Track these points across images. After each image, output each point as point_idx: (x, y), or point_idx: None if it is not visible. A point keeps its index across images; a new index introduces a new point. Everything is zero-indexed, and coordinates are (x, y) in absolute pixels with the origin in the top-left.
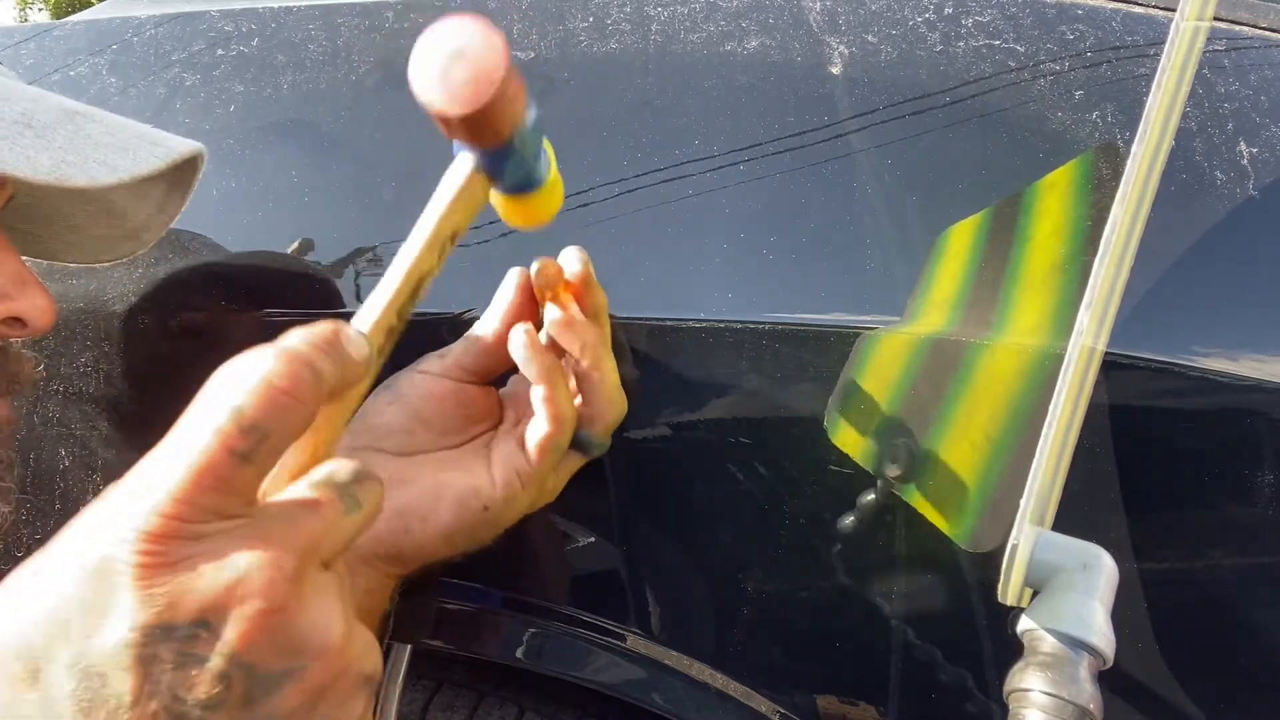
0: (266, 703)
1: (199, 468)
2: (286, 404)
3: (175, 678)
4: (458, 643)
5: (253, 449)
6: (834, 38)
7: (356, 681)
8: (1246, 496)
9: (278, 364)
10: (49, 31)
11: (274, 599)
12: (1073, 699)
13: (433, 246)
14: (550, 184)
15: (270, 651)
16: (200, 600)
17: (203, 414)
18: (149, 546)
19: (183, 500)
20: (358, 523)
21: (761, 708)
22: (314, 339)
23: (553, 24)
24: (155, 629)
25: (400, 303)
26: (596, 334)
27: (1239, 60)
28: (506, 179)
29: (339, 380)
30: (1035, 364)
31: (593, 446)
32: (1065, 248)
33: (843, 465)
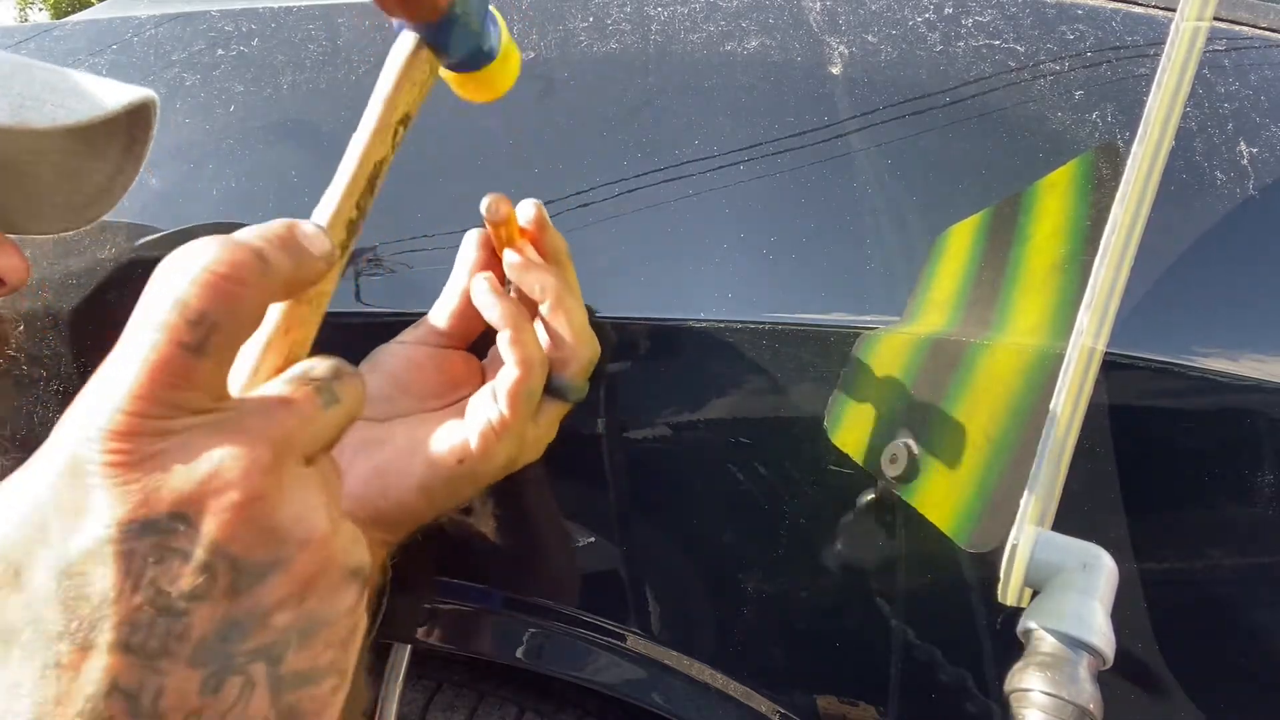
0: (253, 594)
1: (152, 363)
2: (232, 291)
3: (157, 571)
4: (458, 643)
5: (202, 340)
6: (834, 38)
7: (344, 573)
8: (1246, 496)
9: (219, 251)
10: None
11: (251, 489)
12: (1073, 699)
13: (383, 132)
14: (503, 54)
15: (252, 542)
16: (175, 493)
17: (148, 310)
18: (115, 445)
19: (141, 396)
20: (338, 416)
21: (761, 708)
22: (264, 232)
23: (553, 24)
24: (132, 524)
25: (357, 193)
26: (556, 274)
27: (1239, 60)
28: (454, 52)
29: (295, 272)
30: (1035, 364)
31: (569, 391)
32: (1065, 248)
33: (843, 465)
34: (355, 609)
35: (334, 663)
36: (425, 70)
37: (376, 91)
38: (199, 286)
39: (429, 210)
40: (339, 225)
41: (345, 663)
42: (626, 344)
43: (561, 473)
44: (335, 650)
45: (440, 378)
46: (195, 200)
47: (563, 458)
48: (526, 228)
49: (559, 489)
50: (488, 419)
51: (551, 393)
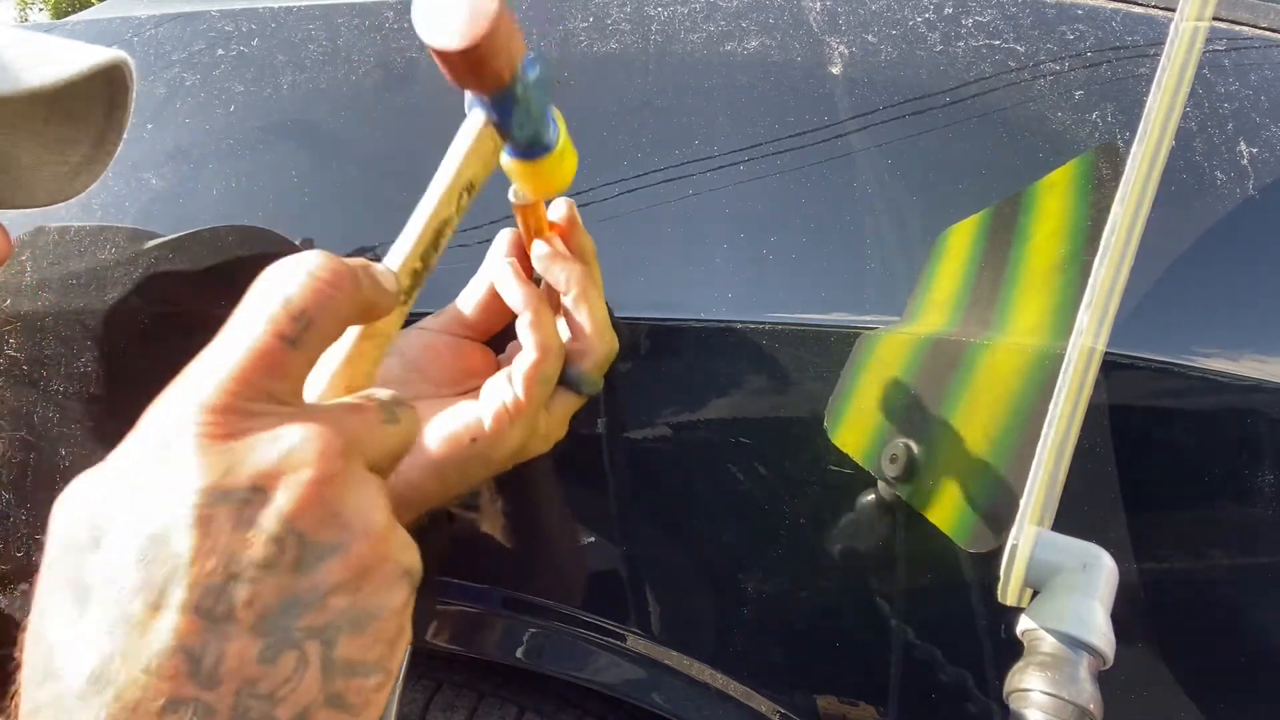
0: (315, 571)
1: (254, 349)
2: (330, 294)
3: (232, 539)
4: (459, 643)
5: (299, 335)
6: (834, 38)
7: (398, 571)
8: (1246, 496)
9: (322, 260)
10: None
11: (323, 470)
12: (1073, 699)
13: (450, 195)
14: (560, 150)
15: (319, 520)
16: (256, 467)
17: (255, 304)
18: (210, 418)
19: (239, 378)
20: (397, 435)
21: (761, 708)
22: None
23: (553, 24)
24: (215, 492)
25: (423, 248)
26: (582, 269)
27: (1239, 60)
28: (515, 134)
29: (373, 297)
30: (1035, 364)
31: (584, 383)
32: (1065, 248)
33: (843, 465)
34: (404, 610)
35: (381, 659)
36: (489, 145)
37: (448, 157)
38: (303, 287)
39: None
40: (405, 273)
41: (391, 662)
42: (626, 344)
43: (562, 473)
44: (383, 646)
45: (457, 365)
46: (195, 200)
47: (563, 458)
48: (558, 224)
49: (560, 489)
50: (502, 400)
51: (566, 383)
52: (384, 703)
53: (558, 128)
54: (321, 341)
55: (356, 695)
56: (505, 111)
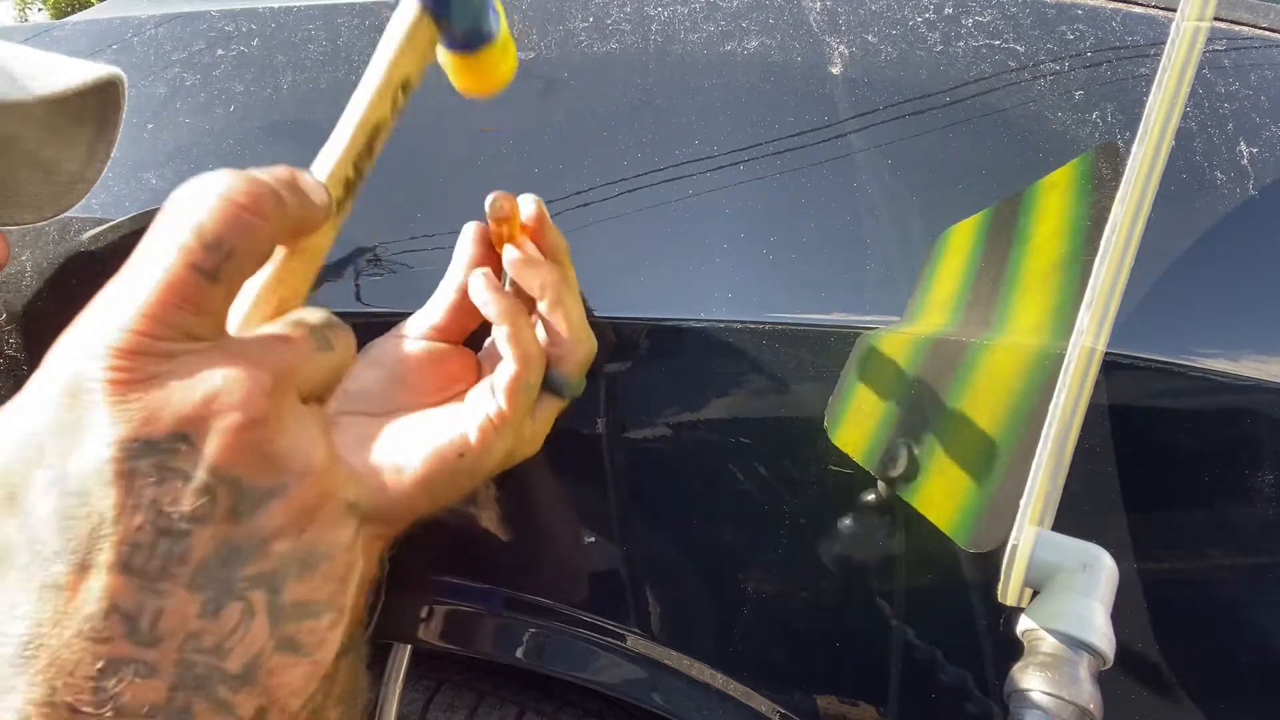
0: (253, 519)
1: (165, 284)
2: (249, 220)
3: (158, 492)
4: (458, 643)
5: (217, 266)
6: (834, 38)
7: (341, 507)
8: (1246, 496)
9: (238, 181)
10: (49, 31)
11: (252, 411)
12: (1073, 699)
13: (384, 94)
14: (501, 42)
15: (252, 465)
16: (177, 413)
17: (165, 231)
18: (120, 362)
19: (151, 316)
20: (331, 361)
21: (761, 708)
22: (271, 173)
23: (553, 24)
24: (133, 443)
25: (355, 154)
26: (556, 271)
27: (1239, 60)
28: (455, 22)
29: (299, 215)
30: (1035, 364)
31: (566, 387)
32: (1065, 248)
33: (843, 465)
34: (353, 545)
35: (332, 597)
36: (426, 37)
37: (378, 53)
38: (218, 212)
39: (429, 210)
40: (336, 183)
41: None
42: (626, 344)
43: (562, 472)
44: (334, 584)
45: (436, 372)
46: None
47: (563, 457)
48: (527, 224)
49: (560, 489)
50: (486, 413)
51: (549, 388)
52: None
53: (498, 17)
54: (243, 272)
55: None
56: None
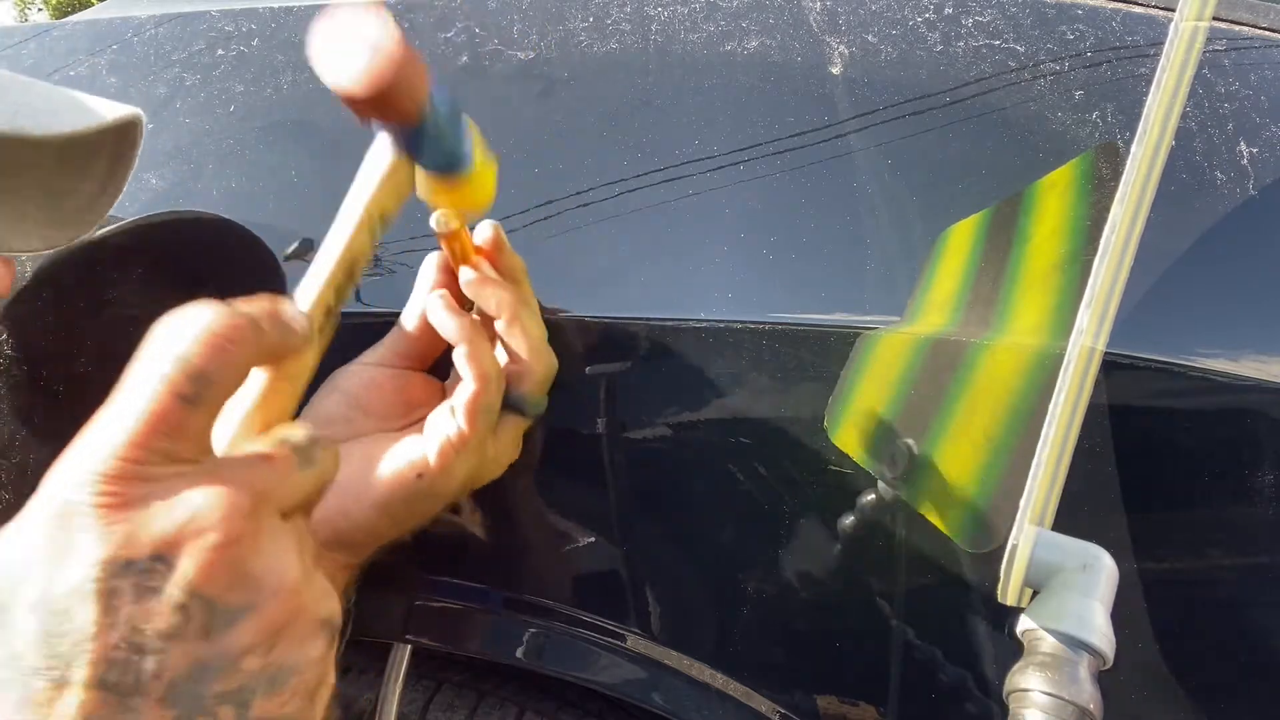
0: (225, 636)
1: (150, 413)
2: (228, 350)
3: (134, 610)
4: (458, 643)
5: (198, 393)
6: (834, 38)
7: (314, 624)
8: (1246, 496)
9: (217, 315)
10: (49, 31)
11: (229, 533)
12: (1073, 699)
13: (361, 229)
14: (478, 170)
15: (227, 585)
16: (156, 535)
17: (150, 363)
18: (107, 487)
19: (136, 444)
20: (312, 479)
21: (761, 708)
22: (253, 304)
23: (553, 24)
24: (115, 564)
25: (336, 283)
26: (512, 291)
27: (1239, 60)
28: (426, 159)
29: (278, 343)
30: (1035, 364)
31: (527, 405)
32: (1065, 248)
33: (843, 465)
34: (324, 659)
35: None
36: (402, 175)
37: (357, 189)
38: (198, 343)
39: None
40: (318, 310)
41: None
42: (626, 344)
43: (562, 473)
44: (301, 699)
45: (399, 398)
46: (195, 200)
47: (563, 458)
48: (483, 248)
49: (559, 489)
50: (446, 434)
51: (509, 407)
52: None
53: (473, 145)
54: (222, 398)
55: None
56: (416, 142)
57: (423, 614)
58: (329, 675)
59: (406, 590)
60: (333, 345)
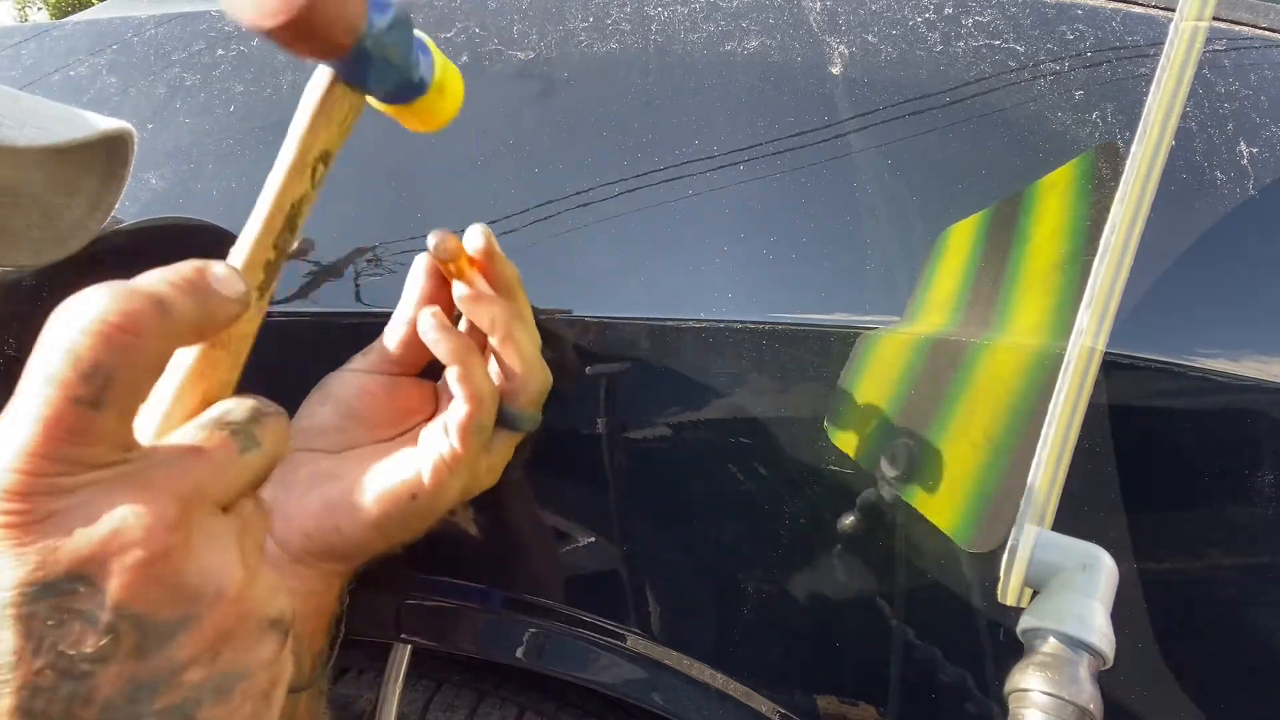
0: (161, 653)
1: (45, 419)
2: (126, 342)
3: (59, 634)
4: (457, 643)
5: (98, 394)
6: (834, 38)
7: (261, 625)
8: (1246, 496)
9: (111, 301)
10: (49, 31)
11: (155, 546)
12: (1073, 699)
13: (301, 169)
14: (438, 83)
15: (158, 600)
16: (75, 554)
17: (39, 363)
18: (9, 505)
19: (36, 454)
20: (258, 461)
21: (761, 708)
22: (168, 274)
23: (553, 24)
24: (30, 587)
25: (274, 233)
26: (505, 306)
27: (1239, 60)
28: (376, 87)
29: (204, 317)
30: (1035, 364)
31: (521, 421)
32: (1065, 248)
33: (843, 465)
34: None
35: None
36: (344, 106)
37: (292, 128)
38: (91, 337)
39: (428, 210)
40: (255, 267)
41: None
42: (626, 344)
43: (562, 472)
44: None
45: (392, 406)
46: (195, 200)
47: (563, 458)
48: (475, 258)
49: (559, 489)
50: (439, 453)
51: (503, 423)
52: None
53: (430, 59)
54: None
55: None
56: (359, 68)
57: (422, 614)
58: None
59: (406, 591)
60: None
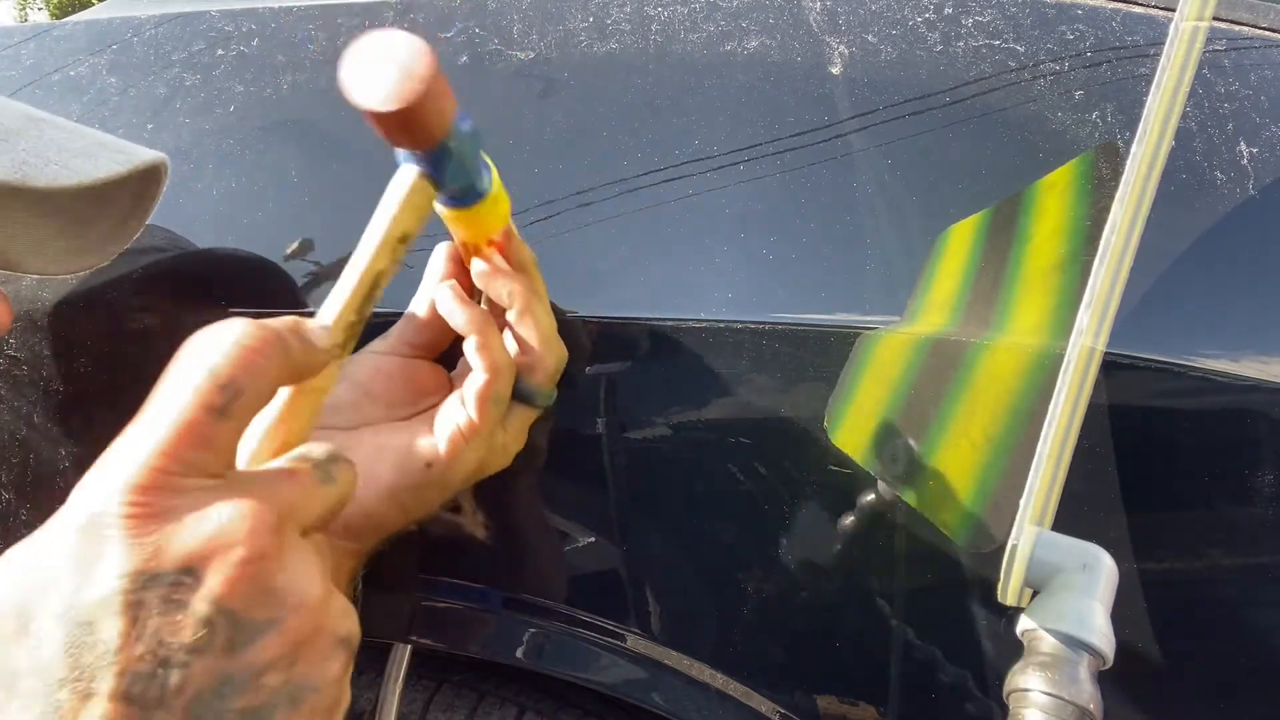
0: (248, 650)
1: (181, 423)
2: (257, 363)
3: (161, 623)
4: (457, 643)
5: (228, 404)
6: (834, 38)
7: (334, 641)
8: (1246, 496)
9: (248, 328)
10: (49, 31)
11: (255, 548)
12: (1073, 699)
13: (384, 248)
14: (494, 197)
15: (251, 600)
16: (185, 548)
17: (181, 375)
18: (136, 498)
19: (167, 454)
20: (332, 495)
21: (761, 708)
22: (279, 321)
23: (553, 24)
24: (142, 576)
25: (358, 301)
26: (523, 281)
27: (1239, 60)
28: (447, 184)
29: (303, 359)
30: (1035, 364)
31: (537, 396)
32: (1065, 248)
33: (843, 465)
34: (341, 679)
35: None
36: (423, 197)
37: (380, 211)
38: (229, 356)
39: None
40: (339, 328)
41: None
42: (626, 344)
43: (561, 473)
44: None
45: (408, 387)
46: (195, 200)
47: (563, 458)
48: (495, 239)
49: (559, 489)
50: (456, 424)
51: (519, 398)
52: None
53: (490, 173)
54: (250, 410)
55: None
56: (439, 166)
57: (423, 614)
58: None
59: (407, 591)
60: None
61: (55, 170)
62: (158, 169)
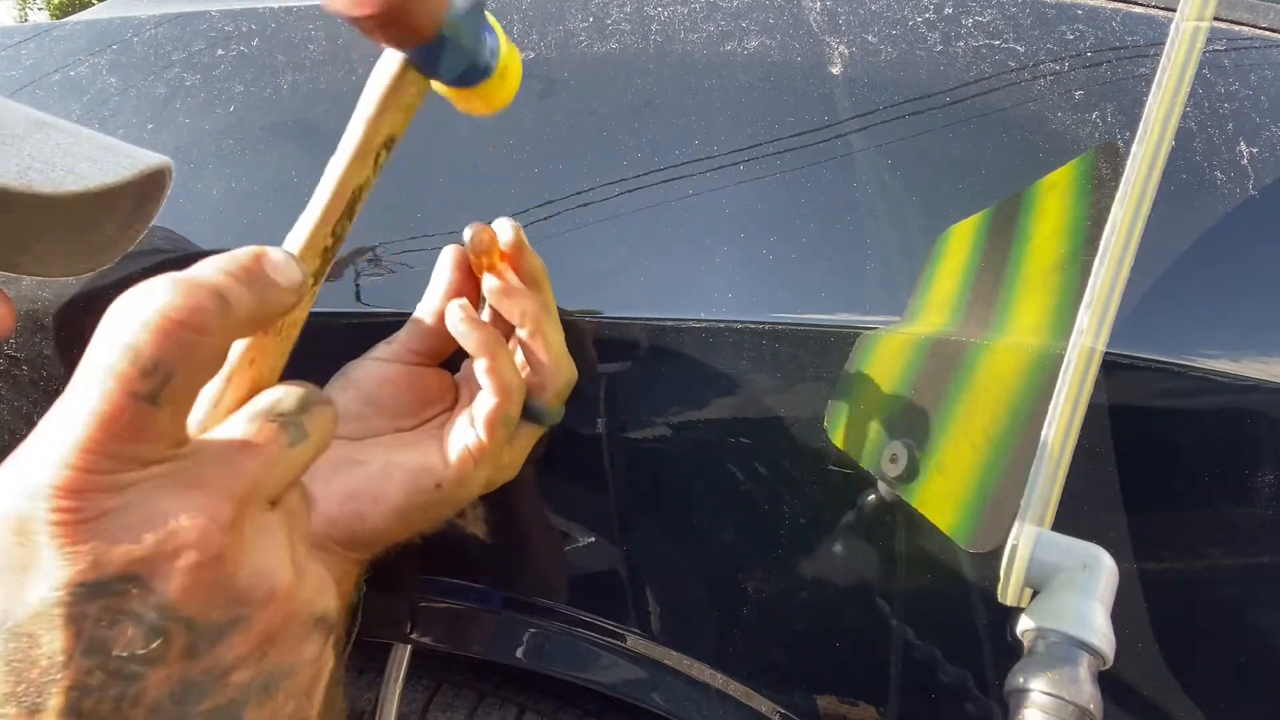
0: (211, 654)
1: (102, 414)
2: (188, 339)
3: (108, 635)
4: (456, 642)
5: (157, 390)
6: (834, 38)
7: (307, 624)
8: (1246, 496)
9: (174, 295)
10: (49, 31)
11: (209, 549)
12: (1073, 699)
13: (364, 155)
14: (501, 67)
15: (210, 603)
16: (128, 555)
17: (98, 355)
18: (63, 502)
19: (90, 450)
20: (306, 452)
21: (761, 708)
22: (228, 265)
23: (553, 24)
24: (80, 587)
25: (334, 219)
26: (535, 300)
27: (1239, 60)
28: (446, 73)
29: (261, 309)
30: (1035, 364)
31: (545, 415)
32: (1065, 248)
33: (843, 465)
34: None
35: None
36: (412, 91)
37: (358, 113)
38: (153, 333)
39: (428, 210)
40: (313, 253)
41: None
42: (626, 344)
43: (562, 473)
44: (297, 699)
45: (414, 395)
46: (195, 200)
47: (563, 458)
48: (506, 251)
49: (559, 489)
50: (465, 445)
51: (528, 416)
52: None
53: (496, 39)
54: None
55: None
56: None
57: (423, 614)
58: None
59: (407, 591)
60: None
61: (60, 175)
62: (162, 173)
